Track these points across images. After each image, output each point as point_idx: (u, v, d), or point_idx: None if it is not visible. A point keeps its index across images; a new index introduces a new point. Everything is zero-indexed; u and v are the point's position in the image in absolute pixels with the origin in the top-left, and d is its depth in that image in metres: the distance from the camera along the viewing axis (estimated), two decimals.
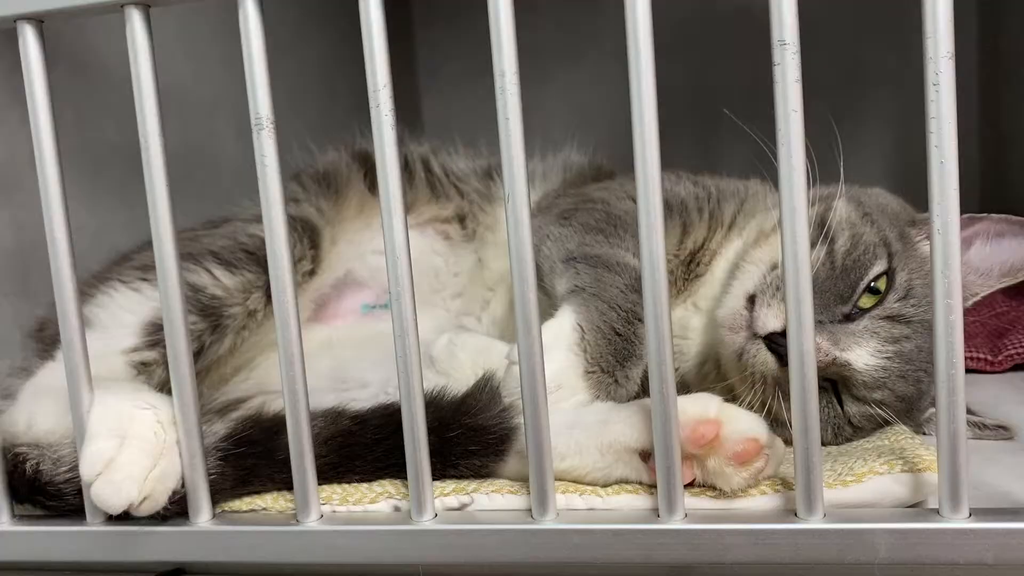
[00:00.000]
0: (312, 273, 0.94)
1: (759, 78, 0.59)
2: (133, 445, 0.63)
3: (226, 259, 0.87)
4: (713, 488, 0.61)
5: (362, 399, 0.75)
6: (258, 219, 0.93)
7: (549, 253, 0.86)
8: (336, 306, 0.98)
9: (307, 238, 0.93)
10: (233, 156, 1.28)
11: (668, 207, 0.88)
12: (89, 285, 0.88)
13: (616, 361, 0.74)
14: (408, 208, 1.03)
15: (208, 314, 0.84)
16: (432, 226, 1.03)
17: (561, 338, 0.73)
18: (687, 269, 0.90)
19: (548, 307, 0.85)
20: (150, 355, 0.81)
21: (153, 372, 0.81)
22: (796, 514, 0.57)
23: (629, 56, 0.55)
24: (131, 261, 0.90)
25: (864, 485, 0.60)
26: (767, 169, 0.57)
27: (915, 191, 0.89)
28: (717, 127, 1.76)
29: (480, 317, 1.00)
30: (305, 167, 1.05)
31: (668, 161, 0.98)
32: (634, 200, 0.58)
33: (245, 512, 0.67)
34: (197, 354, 0.84)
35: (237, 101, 0.60)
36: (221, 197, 1.04)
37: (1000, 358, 1.10)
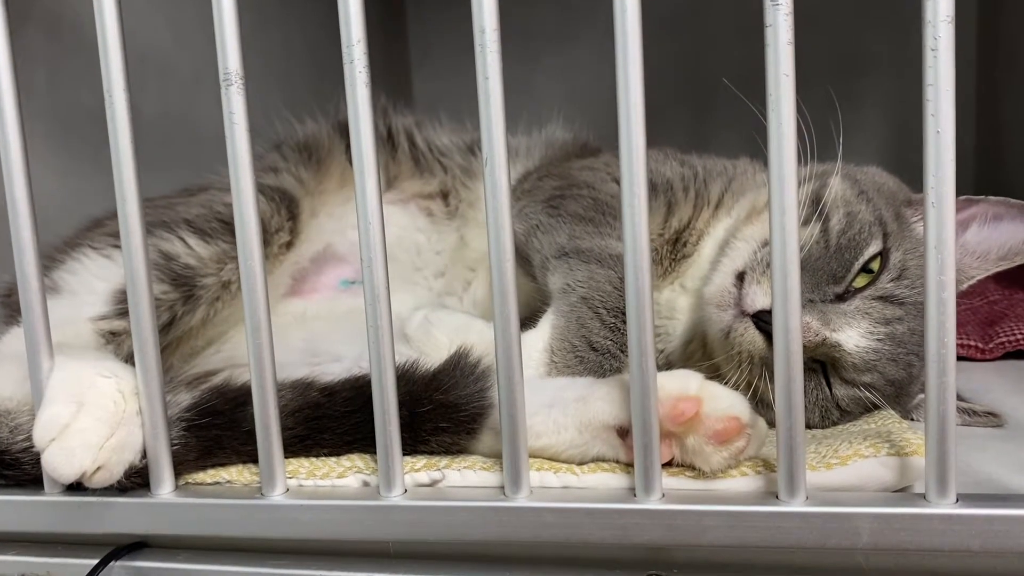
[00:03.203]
0: (290, 245, 0.91)
1: (755, 59, 0.58)
2: (90, 412, 0.60)
3: (201, 228, 0.84)
4: (692, 468, 0.59)
5: (334, 373, 0.72)
6: None
7: (540, 247, 0.84)
8: (315, 281, 0.95)
9: (285, 208, 0.90)
10: (215, 123, 1.25)
11: (653, 186, 0.86)
12: (59, 251, 0.86)
13: None
14: (392, 182, 1.02)
15: (180, 284, 0.81)
16: (415, 202, 1.01)
17: (530, 360, 0.74)
18: (673, 249, 0.88)
19: (541, 302, 0.83)
20: (120, 324, 0.79)
21: (123, 342, 0.79)
22: (777, 496, 0.55)
23: (616, 31, 0.53)
24: (103, 227, 0.88)
25: (849, 468, 0.58)
26: (764, 146, 0.55)
27: (909, 176, 0.87)
28: (711, 107, 1.74)
29: (462, 298, 0.98)
30: (286, 137, 1.02)
31: (658, 141, 0.96)
32: (618, 182, 0.56)
33: (209, 484, 0.65)
34: (168, 325, 0.81)
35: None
36: (202, 165, 1.01)
37: (991, 346, 1.08)
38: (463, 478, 0.61)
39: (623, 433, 0.60)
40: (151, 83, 1.19)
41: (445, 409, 0.62)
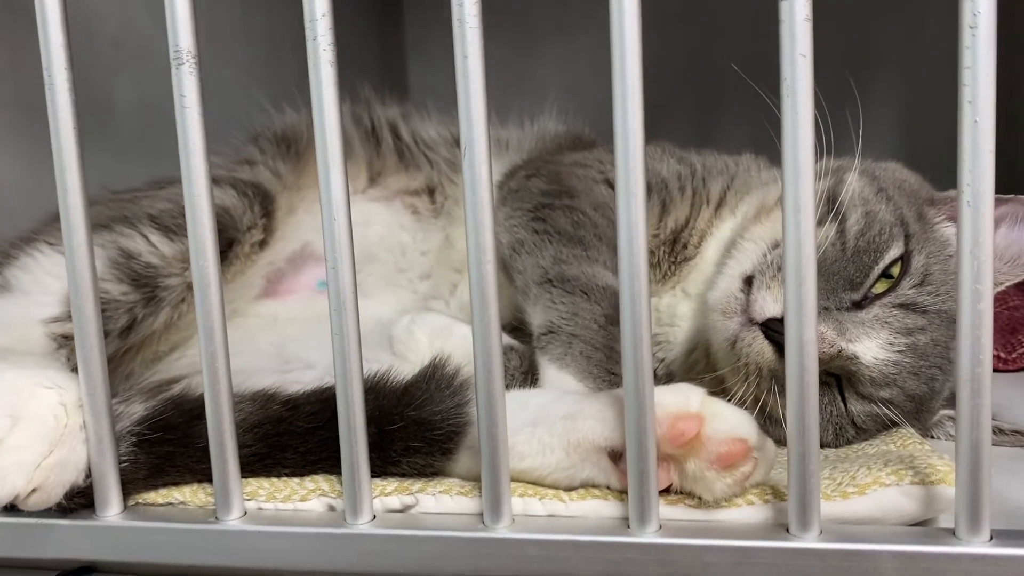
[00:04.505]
0: (263, 244, 0.85)
1: (764, 50, 0.52)
2: (27, 427, 0.54)
3: (165, 224, 0.78)
4: (692, 496, 0.53)
5: (305, 382, 0.67)
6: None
7: (522, 268, 0.78)
8: (291, 282, 0.89)
9: (259, 204, 0.84)
10: None
11: (647, 185, 0.80)
12: (14, 246, 0.80)
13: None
14: (375, 178, 0.96)
15: (142, 284, 0.75)
16: (400, 198, 0.95)
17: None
18: (672, 251, 0.82)
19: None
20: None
21: None
22: (788, 530, 0.49)
23: (612, 21, 0.47)
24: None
25: (868, 497, 0.52)
26: (776, 138, 0.49)
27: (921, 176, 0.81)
28: (716, 102, 1.67)
29: (448, 302, 0.91)
30: (263, 128, 0.96)
31: (659, 138, 0.89)
32: (610, 184, 0.50)
33: (160, 506, 0.59)
34: (128, 328, 0.75)
35: (202, 57, 0.52)
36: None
37: (1014, 356, 1.02)
38: (438, 503, 0.55)
39: (616, 456, 0.54)
40: (126, 68, 1.12)
41: (418, 427, 0.56)
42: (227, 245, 0.81)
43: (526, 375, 0.73)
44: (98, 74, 1.09)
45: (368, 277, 0.89)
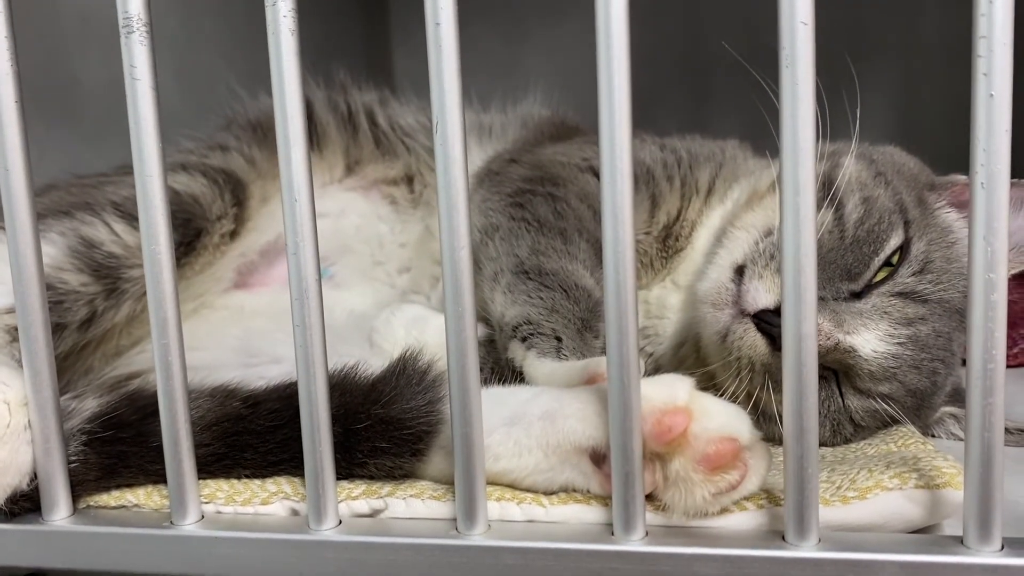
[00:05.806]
0: (234, 235, 0.81)
1: (757, 40, 0.49)
2: None
3: (129, 212, 0.74)
4: (671, 500, 0.49)
5: (270, 377, 0.63)
6: (178, 166, 0.80)
7: (496, 255, 0.73)
8: (264, 274, 0.85)
9: (230, 192, 0.80)
10: (170, 93, 1.14)
11: (632, 176, 0.76)
12: None
13: None
14: (353, 167, 0.92)
15: (103, 275, 0.71)
16: (378, 188, 0.91)
17: None
18: (664, 246, 0.78)
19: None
20: None
21: None
22: (784, 538, 0.46)
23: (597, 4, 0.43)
24: None
25: (869, 502, 0.49)
26: (770, 121, 0.46)
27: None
28: (708, 92, 1.64)
29: (430, 296, 0.87)
30: (236, 114, 0.92)
31: (647, 126, 0.85)
32: (595, 173, 0.47)
33: (113, 508, 0.55)
34: (88, 321, 0.71)
35: (177, 34, 0.48)
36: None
37: (1015, 351, 0.99)
38: (409, 508, 0.51)
39: (598, 458, 0.50)
40: (95, 47, 1.07)
41: (385, 426, 0.52)
42: (195, 235, 0.77)
43: (492, 369, 0.69)
44: (65, 53, 1.04)
45: (343, 269, 0.85)
